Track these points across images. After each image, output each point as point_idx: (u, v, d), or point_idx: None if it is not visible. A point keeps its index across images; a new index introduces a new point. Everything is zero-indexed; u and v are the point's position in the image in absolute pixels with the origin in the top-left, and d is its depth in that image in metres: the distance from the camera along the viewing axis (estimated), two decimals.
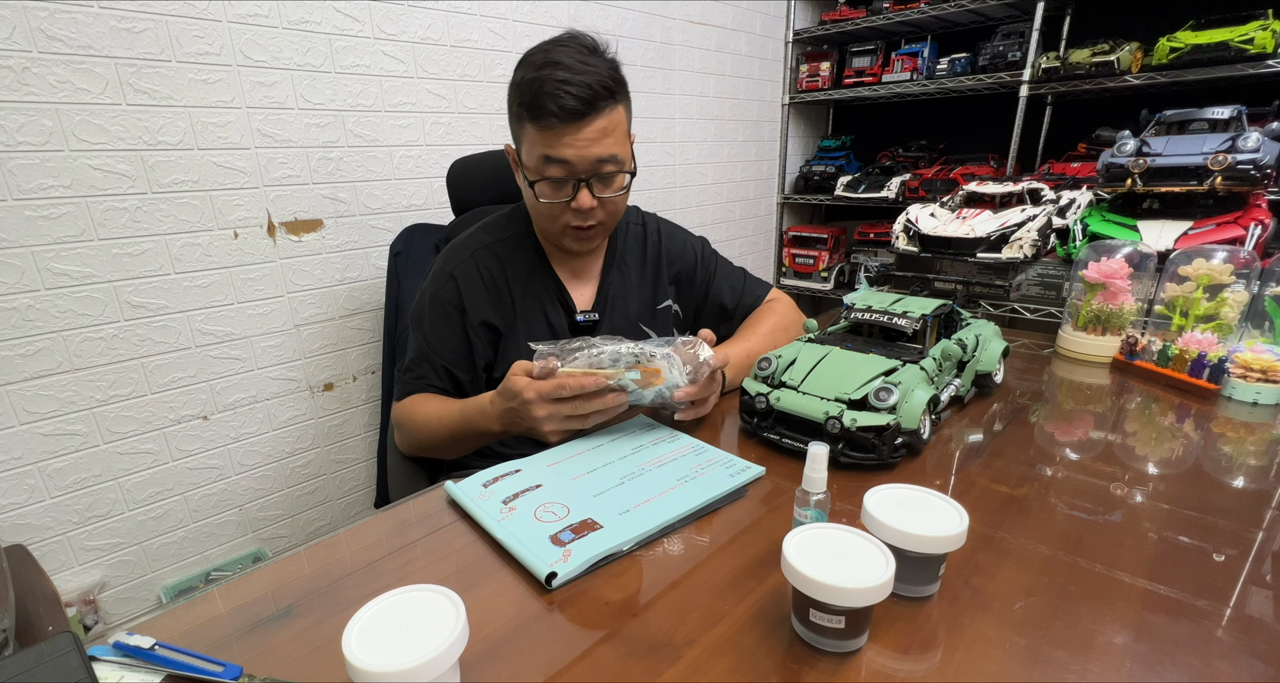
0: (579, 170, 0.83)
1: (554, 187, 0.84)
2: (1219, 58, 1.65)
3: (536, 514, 0.61)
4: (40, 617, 0.79)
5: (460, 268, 0.93)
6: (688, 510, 0.62)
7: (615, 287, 1.00)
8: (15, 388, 1.10)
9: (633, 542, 0.57)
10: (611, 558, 0.56)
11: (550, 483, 0.67)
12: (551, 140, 0.81)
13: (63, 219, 1.09)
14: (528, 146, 0.84)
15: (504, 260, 0.95)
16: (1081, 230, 1.42)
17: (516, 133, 0.87)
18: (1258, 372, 0.86)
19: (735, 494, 0.66)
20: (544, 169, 0.83)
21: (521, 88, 0.81)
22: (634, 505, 0.62)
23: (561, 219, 0.88)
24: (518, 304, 0.94)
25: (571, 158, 0.81)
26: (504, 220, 0.99)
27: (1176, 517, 0.60)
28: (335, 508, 1.58)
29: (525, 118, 0.81)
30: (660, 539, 0.59)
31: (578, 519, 0.60)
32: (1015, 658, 0.44)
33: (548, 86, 0.78)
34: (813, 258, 2.60)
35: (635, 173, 0.89)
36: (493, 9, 1.58)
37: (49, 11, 1.03)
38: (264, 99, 1.27)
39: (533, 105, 0.79)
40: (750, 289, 1.10)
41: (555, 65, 0.80)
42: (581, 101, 0.79)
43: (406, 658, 0.38)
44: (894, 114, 2.74)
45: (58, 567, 1.20)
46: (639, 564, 0.56)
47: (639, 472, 0.69)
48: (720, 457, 0.72)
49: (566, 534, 0.58)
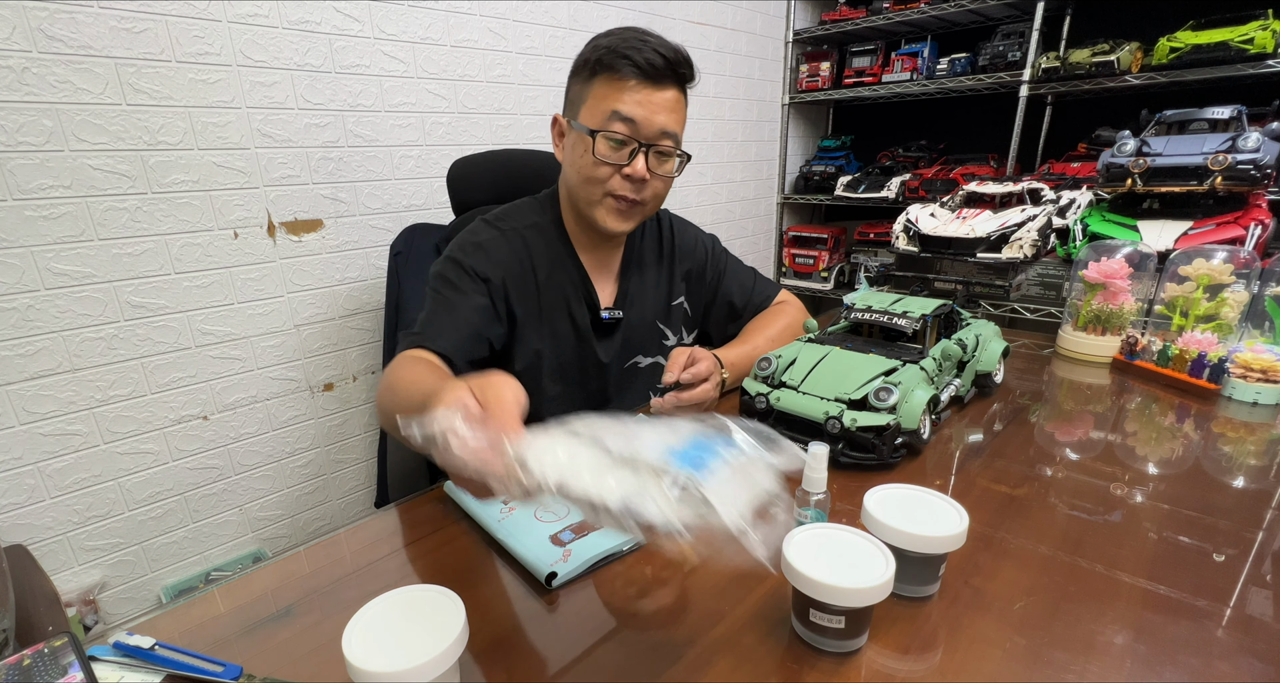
0: (642, 133, 0.81)
1: (613, 146, 0.82)
2: (1219, 58, 1.65)
3: (536, 514, 0.61)
4: (40, 617, 0.79)
5: (491, 242, 0.89)
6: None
7: (634, 283, 0.99)
8: (15, 388, 1.10)
9: (633, 542, 0.57)
10: (611, 558, 0.56)
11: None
12: (625, 96, 0.80)
13: (63, 219, 1.09)
14: (593, 103, 0.82)
15: (531, 247, 0.91)
16: (1081, 230, 1.42)
17: (579, 95, 0.84)
18: (1258, 372, 0.86)
19: None
20: (609, 123, 0.81)
21: (599, 47, 0.81)
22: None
23: (608, 184, 0.84)
24: (542, 294, 0.91)
25: (639, 118, 0.80)
26: (528, 208, 0.96)
27: (1176, 517, 0.60)
28: (335, 508, 1.58)
29: (600, 72, 0.81)
30: (660, 540, 0.59)
31: (577, 519, 0.60)
32: (1015, 658, 0.44)
33: (632, 43, 0.79)
34: (813, 258, 2.60)
35: (689, 157, 0.89)
36: (493, 9, 1.58)
37: (49, 11, 1.03)
38: (264, 99, 1.26)
39: (613, 59, 0.79)
40: (760, 289, 1.10)
41: (640, 32, 0.81)
42: (665, 61, 0.80)
43: (406, 658, 0.38)
44: (894, 114, 2.74)
45: (58, 567, 1.20)
46: (639, 564, 0.56)
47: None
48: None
49: (566, 534, 0.58)
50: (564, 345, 0.94)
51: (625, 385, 1.01)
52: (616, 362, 0.98)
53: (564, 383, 0.95)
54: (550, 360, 0.93)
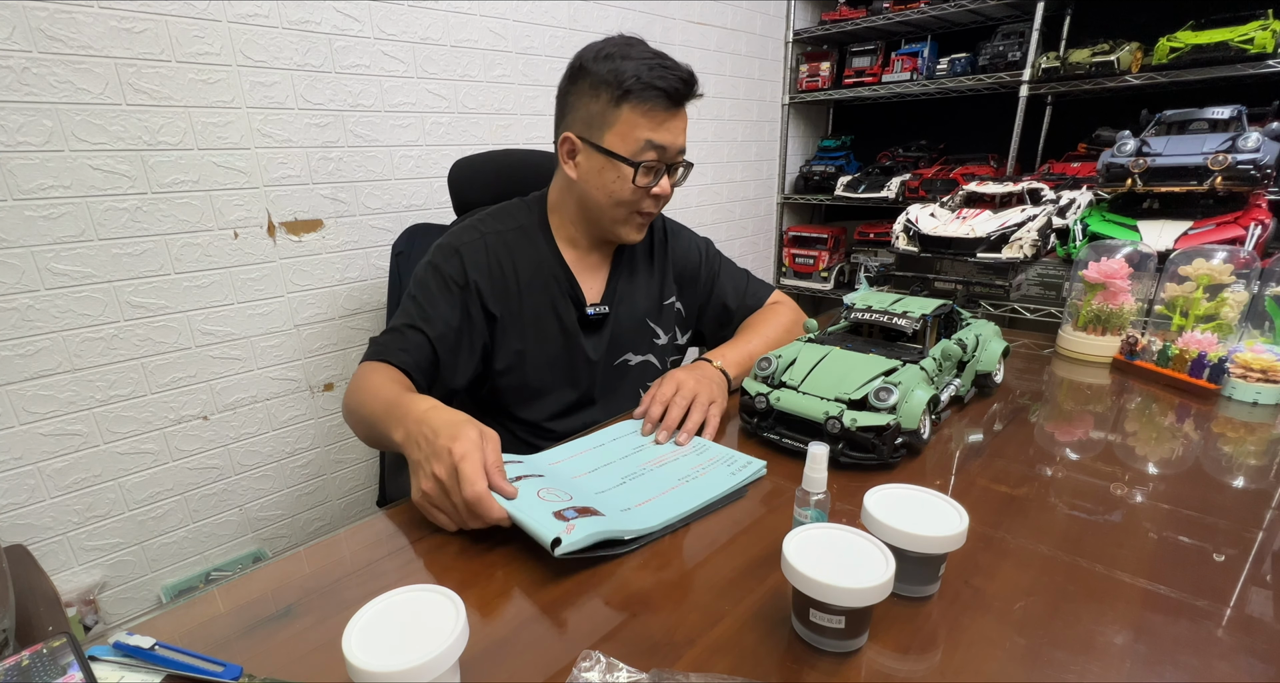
0: (669, 156, 0.87)
1: (646, 172, 0.86)
2: (1219, 58, 1.65)
3: (540, 494, 0.60)
4: (40, 617, 0.79)
5: (468, 247, 0.91)
6: (689, 509, 0.61)
7: (625, 282, 1.00)
8: (15, 388, 1.10)
9: (634, 534, 0.57)
10: (612, 553, 0.56)
11: (551, 477, 0.67)
12: (656, 124, 0.84)
13: (63, 219, 1.09)
14: (624, 129, 0.84)
15: (513, 249, 0.93)
16: (1081, 230, 1.42)
17: (601, 118, 0.84)
18: (1258, 372, 0.86)
19: (736, 494, 0.66)
20: (643, 153, 0.84)
21: (623, 74, 0.81)
22: (635, 504, 0.62)
23: (638, 206, 0.89)
24: (524, 295, 0.93)
25: (668, 143, 0.85)
26: (513, 210, 0.97)
27: (1176, 517, 0.60)
28: (335, 508, 1.57)
29: (628, 99, 0.82)
30: (660, 539, 0.59)
31: (582, 503, 0.60)
32: (1015, 658, 0.44)
33: (658, 71, 0.82)
34: (813, 258, 2.60)
35: (691, 166, 0.93)
36: (493, 9, 1.58)
37: (49, 11, 1.03)
38: (264, 99, 1.26)
39: (642, 88, 0.81)
40: (753, 291, 1.10)
41: (652, 55, 0.84)
42: (686, 86, 0.84)
43: (406, 658, 0.38)
44: (894, 114, 2.74)
45: (58, 567, 1.20)
46: (639, 564, 0.56)
47: (640, 472, 0.69)
48: (721, 454, 0.72)
49: (570, 512, 0.57)
50: (551, 343, 0.95)
51: (615, 383, 1.01)
52: (605, 359, 0.99)
53: (552, 380, 0.96)
54: (535, 359, 0.94)
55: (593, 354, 0.97)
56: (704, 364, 0.90)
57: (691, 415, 0.79)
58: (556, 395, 0.97)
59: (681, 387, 0.82)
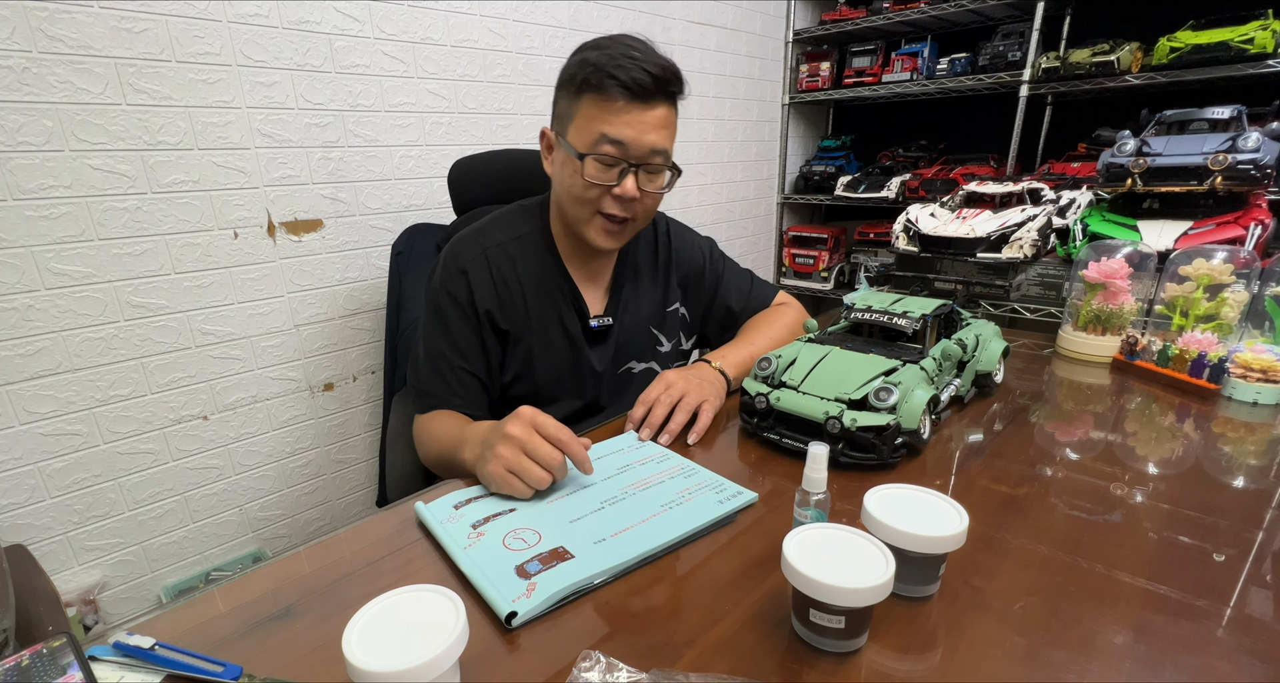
0: (632, 154, 0.80)
1: (602, 167, 0.81)
2: (1219, 58, 1.65)
3: (505, 541, 0.58)
4: (40, 617, 0.79)
5: (473, 263, 0.89)
6: (667, 541, 0.58)
7: (628, 290, 0.99)
8: (15, 388, 1.10)
9: (604, 575, 0.54)
10: (580, 593, 0.53)
11: (525, 506, 0.64)
12: (612, 117, 0.78)
13: (63, 219, 1.09)
14: (582, 122, 0.80)
15: (516, 260, 0.91)
16: (1081, 230, 1.42)
17: (567, 112, 0.83)
18: (1258, 372, 0.86)
19: (723, 521, 0.62)
20: (598, 146, 0.79)
21: (586, 64, 0.78)
22: (611, 534, 0.59)
23: (598, 204, 0.84)
24: (530, 307, 0.91)
25: (628, 139, 0.79)
26: (516, 217, 0.95)
27: (1176, 517, 0.60)
28: (335, 508, 1.57)
29: (587, 90, 0.79)
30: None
31: (548, 548, 0.57)
32: (1015, 658, 0.44)
33: (620, 61, 0.77)
34: (813, 258, 2.60)
35: (680, 172, 0.87)
36: (493, 9, 1.58)
37: (49, 11, 1.03)
38: (264, 99, 1.26)
39: (599, 78, 0.77)
40: (757, 293, 1.09)
41: (627, 46, 0.79)
42: (653, 80, 0.78)
43: (406, 658, 0.38)
44: (894, 114, 2.74)
45: (58, 567, 1.20)
46: (639, 565, 0.56)
47: (622, 495, 0.66)
48: (710, 480, 0.68)
49: (534, 564, 0.54)
50: (558, 354, 0.94)
51: (619, 392, 1.01)
52: (610, 369, 0.98)
53: (559, 389, 0.95)
54: (543, 368, 0.93)
55: (598, 365, 0.96)
56: (701, 365, 0.90)
57: (676, 416, 0.79)
58: (564, 404, 0.96)
59: (670, 387, 0.81)
